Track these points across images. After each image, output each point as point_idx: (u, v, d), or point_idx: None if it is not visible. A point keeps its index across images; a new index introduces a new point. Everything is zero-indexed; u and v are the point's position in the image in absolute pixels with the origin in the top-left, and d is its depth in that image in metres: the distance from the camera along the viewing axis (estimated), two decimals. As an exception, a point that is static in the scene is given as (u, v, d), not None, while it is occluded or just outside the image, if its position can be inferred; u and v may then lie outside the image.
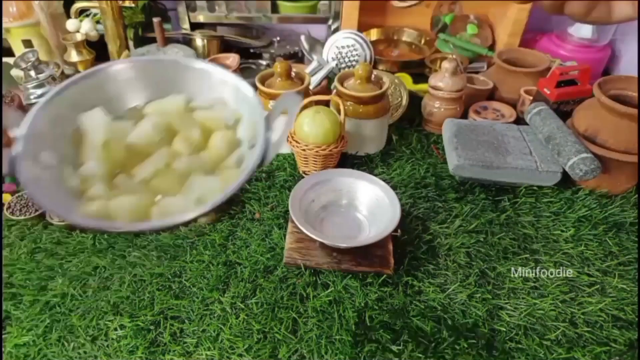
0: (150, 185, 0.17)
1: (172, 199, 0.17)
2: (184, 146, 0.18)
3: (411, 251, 0.45)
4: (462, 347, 0.36)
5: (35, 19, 0.68)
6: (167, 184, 0.17)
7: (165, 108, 0.17)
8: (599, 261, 0.44)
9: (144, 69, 0.17)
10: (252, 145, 0.17)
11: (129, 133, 0.17)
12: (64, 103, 0.16)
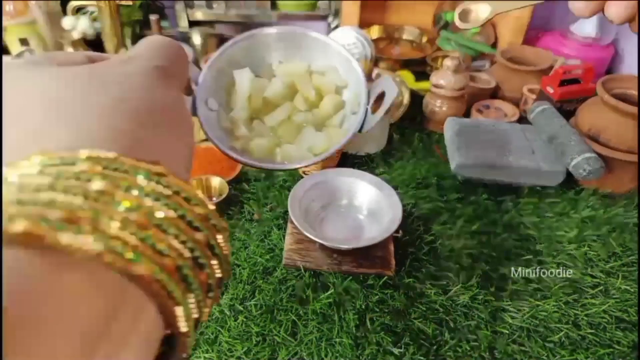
0: (276, 132, 0.22)
1: (289, 146, 0.22)
2: (302, 103, 0.22)
3: (413, 252, 0.44)
4: (464, 350, 0.36)
5: (32, 17, 0.67)
6: (288, 132, 0.22)
7: (291, 70, 0.22)
8: (602, 262, 0.44)
9: (282, 36, 0.22)
10: (354, 112, 0.22)
11: (265, 89, 0.22)
12: (224, 60, 0.21)
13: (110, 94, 0.11)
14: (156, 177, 0.10)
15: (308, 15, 0.79)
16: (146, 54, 0.14)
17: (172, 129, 0.12)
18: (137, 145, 0.11)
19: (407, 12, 0.80)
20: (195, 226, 0.10)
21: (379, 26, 0.81)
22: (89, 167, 0.09)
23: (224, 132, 0.21)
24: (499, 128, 0.56)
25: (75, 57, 0.14)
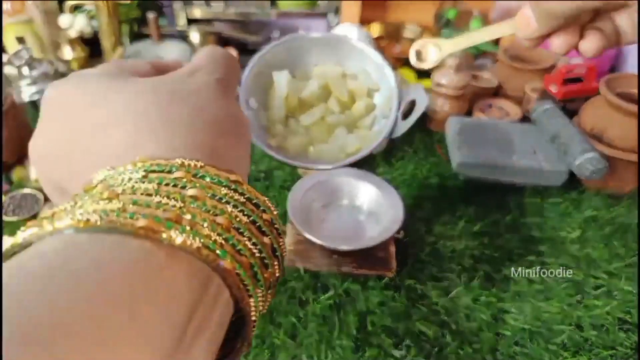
0: (310, 131, 0.24)
1: (322, 145, 0.23)
2: (335, 104, 0.24)
3: (414, 253, 0.44)
4: (466, 352, 0.36)
5: (29, 16, 0.66)
6: (321, 132, 0.24)
7: (326, 72, 0.24)
8: (605, 263, 0.43)
9: (318, 41, 0.23)
10: (385, 116, 0.23)
11: (302, 90, 0.23)
12: (263, 62, 0.23)
13: (188, 107, 0.13)
14: (233, 185, 0.12)
15: (308, 13, 0.78)
16: (207, 67, 0.16)
17: (237, 136, 0.14)
18: (214, 154, 0.13)
19: (408, 10, 0.79)
20: (263, 230, 0.12)
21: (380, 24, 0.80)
22: (183, 174, 0.11)
23: (262, 130, 0.23)
24: (501, 127, 0.55)
25: (141, 66, 0.16)
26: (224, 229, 0.11)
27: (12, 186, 0.51)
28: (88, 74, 0.14)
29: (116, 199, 0.10)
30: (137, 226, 0.09)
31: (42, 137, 0.14)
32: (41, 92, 0.60)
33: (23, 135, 0.54)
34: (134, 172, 0.11)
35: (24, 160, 0.54)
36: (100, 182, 0.11)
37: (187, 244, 0.10)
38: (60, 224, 0.09)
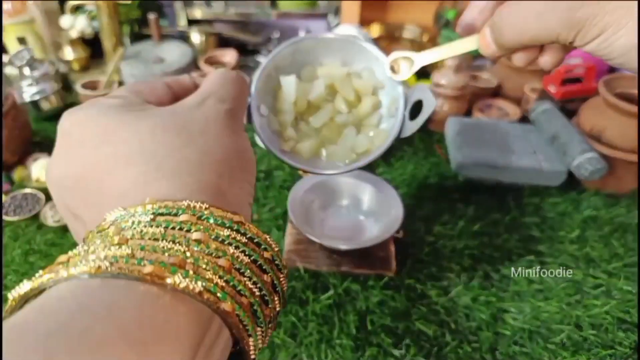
0: (320, 132, 0.24)
1: (334, 146, 0.24)
2: (343, 104, 0.24)
3: (414, 253, 0.44)
4: (466, 351, 0.36)
5: (30, 16, 0.66)
6: (331, 133, 0.24)
7: (332, 73, 0.24)
8: (604, 263, 0.43)
9: (322, 42, 0.23)
10: (392, 115, 0.23)
11: (309, 92, 0.24)
12: (271, 66, 0.23)
13: (196, 147, 0.14)
14: (236, 226, 0.13)
15: (308, 14, 0.79)
16: (218, 93, 0.16)
17: (242, 172, 0.15)
18: (219, 194, 0.14)
19: (408, 11, 0.79)
20: (263, 268, 0.13)
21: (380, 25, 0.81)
22: (189, 217, 0.12)
23: (274, 135, 0.23)
24: (501, 128, 0.55)
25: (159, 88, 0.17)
26: (225, 270, 0.11)
27: (14, 186, 0.51)
28: (102, 105, 0.15)
29: (125, 244, 0.11)
30: (144, 272, 0.10)
31: (59, 165, 0.15)
32: (42, 92, 0.60)
33: (24, 135, 0.54)
34: (143, 215, 0.12)
35: (25, 160, 0.54)
36: (112, 223, 0.12)
37: (190, 288, 0.10)
38: (74, 271, 0.10)
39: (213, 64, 0.64)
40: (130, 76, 0.61)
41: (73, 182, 0.14)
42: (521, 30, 0.17)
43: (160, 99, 0.17)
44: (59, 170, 0.15)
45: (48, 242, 0.45)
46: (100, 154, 0.14)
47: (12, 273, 0.42)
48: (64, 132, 0.15)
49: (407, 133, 0.22)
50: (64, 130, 0.15)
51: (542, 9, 0.16)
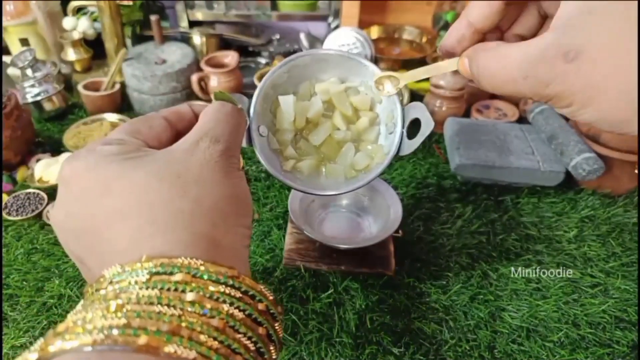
0: (319, 150, 0.24)
1: (333, 165, 0.24)
2: (340, 120, 0.24)
3: (413, 252, 0.44)
4: (464, 349, 0.36)
5: (32, 18, 0.67)
6: (330, 150, 0.24)
7: (329, 89, 0.24)
8: (602, 262, 0.44)
9: (318, 58, 0.23)
10: (390, 132, 0.23)
11: (308, 110, 0.24)
12: (268, 85, 0.23)
13: (190, 197, 0.14)
14: (231, 280, 0.13)
15: (308, 15, 0.79)
16: (212, 133, 0.16)
17: (236, 217, 0.15)
18: (213, 246, 0.14)
19: (407, 12, 0.80)
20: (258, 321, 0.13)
21: (379, 26, 0.81)
22: (183, 277, 0.12)
23: (274, 154, 0.23)
24: (499, 128, 0.56)
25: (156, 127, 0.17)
26: (219, 331, 0.12)
27: (16, 186, 0.52)
28: (100, 153, 0.15)
29: (121, 311, 0.12)
30: (139, 344, 0.11)
31: (62, 212, 0.15)
32: (45, 93, 0.61)
33: (27, 135, 0.55)
34: (140, 275, 0.12)
35: (27, 161, 0.55)
36: (110, 282, 0.13)
37: (184, 356, 0.11)
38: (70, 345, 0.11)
39: (214, 65, 0.64)
40: (132, 77, 0.62)
41: (75, 231, 0.15)
42: (497, 87, 0.17)
43: (159, 136, 0.17)
44: (61, 218, 0.15)
45: (51, 241, 0.45)
46: (99, 207, 0.14)
47: (14, 272, 0.42)
48: (65, 181, 0.15)
49: (405, 151, 0.22)
50: (65, 178, 0.15)
51: (515, 77, 0.16)
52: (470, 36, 0.18)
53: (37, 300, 0.39)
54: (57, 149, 0.57)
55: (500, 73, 0.17)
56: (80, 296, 0.40)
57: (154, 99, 0.63)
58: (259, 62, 0.78)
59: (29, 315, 0.38)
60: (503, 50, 0.16)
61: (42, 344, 0.12)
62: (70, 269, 0.42)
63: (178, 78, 0.62)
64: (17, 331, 0.37)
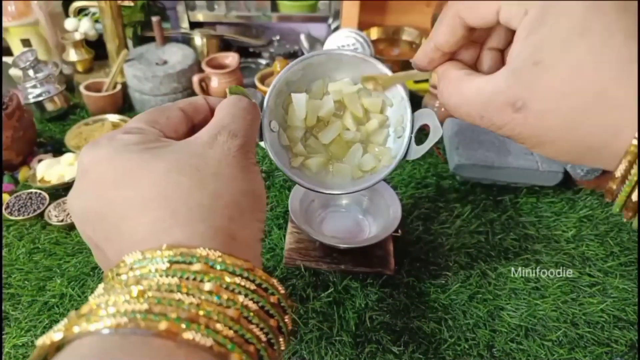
0: (328, 149, 0.24)
1: (340, 164, 0.24)
2: (351, 121, 0.24)
3: (412, 252, 0.44)
4: (463, 348, 0.36)
5: (34, 18, 0.67)
6: (338, 149, 0.24)
7: (341, 89, 0.24)
8: (600, 261, 0.44)
9: (333, 57, 0.24)
10: (399, 136, 0.24)
11: (319, 109, 0.24)
12: (282, 82, 0.23)
13: (208, 192, 0.15)
14: (246, 273, 0.14)
15: (308, 16, 0.80)
16: (230, 127, 0.17)
17: (252, 212, 0.16)
18: (230, 239, 0.14)
19: (406, 13, 0.80)
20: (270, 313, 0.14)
21: (378, 27, 0.82)
22: (202, 267, 0.13)
23: (284, 150, 0.24)
24: (498, 128, 0.56)
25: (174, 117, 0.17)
26: (234, 321, 0.12)
27: (18, 186, 0.52)
28: (120, 142, 0.16)
29: (143, 297, 0.12)
30: (161, 329, 0.11)
31: (79, 199, 0.16)
32: (46, 94, 0.61)
33: (29, 136, 0.55)
34: (160, 262, 0.13)
35: (29, 161, 0.55)
36: (130, 267, 0.13)
37: (202, 343, 0.11)
38: (95, 327, 0.11)
39: (215, 66, 0.64)
40: (133, 78, 0.62)
41: (93, 218, 0.15)
42: (460, 118, 0.18)
43: (176, 127, 0.17)
44: (79, 203, 0.16)
45: (52, 241, 0.46)
46: (119, 197, 0.14)
47: (16, 272, 0.42)
48: (84, 169, 0.15)
49: (412, 156, 0.22)
50: (84, 166, 0.15)
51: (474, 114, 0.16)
52: (439, 58, 0.19)
53: (39, 299, 0.40)
54: (59, 150, 0.57)
55: (461, 108, 0.17)
56: (82, 295, 0.40)
57: (155, 100, 0.63)
58: (259, 63, 0.78)
59: (31, 315, 0.38)
60: (464, 84, 0.17)
61: (66, 325, 0.12)
62: (72, 269, 0.43)
63: (179, 79, 0.63)
64: (19, 330, 0.37)
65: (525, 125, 0.15)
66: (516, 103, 0.15)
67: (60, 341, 0.12)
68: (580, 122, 0.14)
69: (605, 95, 0.13)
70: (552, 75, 0.14)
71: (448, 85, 0.18)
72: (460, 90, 0.17)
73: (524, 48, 0.14)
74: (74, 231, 0.46)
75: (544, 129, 0.15)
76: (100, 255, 0.16)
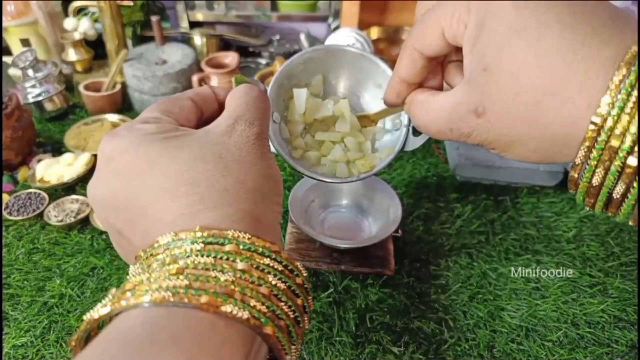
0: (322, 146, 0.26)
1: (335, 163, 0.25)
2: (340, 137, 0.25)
3: (412, 252, 0.44)
4: (464, 349, 0.36)
5: (33, 18, 0.67)
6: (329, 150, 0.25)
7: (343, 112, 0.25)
8: (600, 261, 0.44)
9: (334, 53, 0.24)
10: (397, 128, 0.24)
11: (318, 110, 0.25)
12: (284, 75, 0.24)
13: (232, 177, 0.15)
14: (274, 255, 0.14)
15: (308, 16, 0.79)
16: (246, 116, 0.17)
17: (272, 196, 0.16)
18: (256, 222, 0.15)
19: (407, 13, 0.80)
20: (296, 292, 0.15)
21: (379, 27, 0.81)
22: (233, 247, 0.14)
23: (284, 141, 0.25)
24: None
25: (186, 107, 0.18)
26: (266, 297, 0.13)
27: (17, 186, 0.52)
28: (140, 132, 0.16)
29: (182, 274, 0.13)
30: (202, 302, 0.12)
31: (101, 186, 0.16)
32: (46, 93, 0.61)
33: (28, 136, 0.55)
34: (194, 243, 0.14)
35: (29, 161, 0.55)
36: (165, 247, 0.14)
37: (239, 315, 0.12)
38: (142, 300, 0.12)
39: (215, 65, 0.64)
40: (132, 77, 0.62)
41: (117, 206, 0.16)
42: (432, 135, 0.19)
43: (188, 117, 0.18)
44: (102, 192, 0.16)
45: (52, 241, 0.45)
46: (145, 185, 0.15)
47: (15, 272, 0.42)
48: (106, 158, 0.16)
49: (410, 147, 0.23)
50: (106, 155, 0.16)
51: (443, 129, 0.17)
52: (406, 90, 0.20)
53: (38, 299, 0.40)
54: (58, 149, 0.57)
55: (431, 124, 0.18)
56: (81, 295, 0.40)
57: (154, 100, 0.63)
58: (259, 63, 0.78)
59: (30, 315, 0.38)
60: (430, 104, 0.18)
61: (112, 299, 0.13)
62: (71, 269, 0.43)
63: (179, 78, 0.62)
64: (19, 330, 0.37)
65: (490, 128, 0.15)
66: (477, 109, 0.15)
67: (107, 315, 0.13)
68: (537, 118, 0.14)
69: (553, 89, 0.13)
70: (501, 77, 0.14)
71: (418, 108, 0.19)
72: (427, 110, 0.18)
73: (472, 58, 0.15)
74: (73, 231, 0.46)
75: (506, 129, 0.15)
76: (121, 240, 0.17)
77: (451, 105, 0.16)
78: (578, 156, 0.14)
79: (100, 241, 0.45)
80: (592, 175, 0.14)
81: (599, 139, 0.13)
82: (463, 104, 0.16)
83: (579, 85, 0.13)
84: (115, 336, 0.12)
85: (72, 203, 0.48)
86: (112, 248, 0.45)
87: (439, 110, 0.17)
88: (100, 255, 0.44)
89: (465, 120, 0.16)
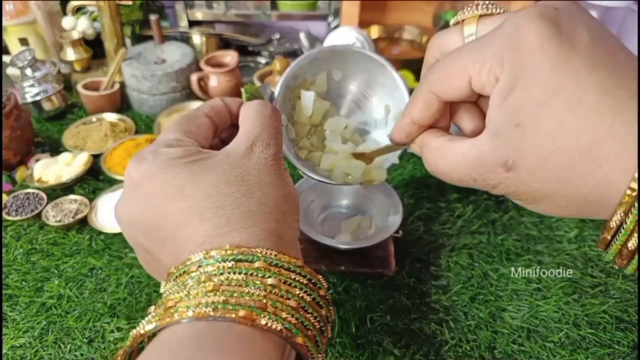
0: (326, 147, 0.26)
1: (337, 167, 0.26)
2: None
3: (413, 252, 0.44)
4: (465, 350, 0.36)
5: (32, 17, 0.67)
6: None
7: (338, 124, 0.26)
8: (602, 262, 0.44)
9: (340, 53, 0.25)
10: None
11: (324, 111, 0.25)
12: (291, 77, 0.24)
13: (255, 198, 0.16)
14: (299, 269, 0.15)
15: (308, 15, 0.79)
16: (262, 137, 0.18)
17: (291, 214, 0.18)
18: (280, 239, 0.16)
19: (407, 12, 0.80)
20: (320, 304, 0.16)
21: (379, 26, 0.81)
22: (262, 264, 0.15)
23: (291, 142, 0.25)
24: (499, 128, 0.56)
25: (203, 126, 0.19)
26: (295, 309, 0.14)
27: (16, 186, 0.52)
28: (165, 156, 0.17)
29: (219, 291, 0.14)
30: (240, 316, 0.13)
31: (130, 209, 0.17)
32: (44, 93, 0.61)
33: (26, 135, 0.55)
34: (225, 260, 0.15)
35: (27, 161, 0.55)
36: (197, 265, 0.15)
37: (274, 327, 0.14)
38: (185, 316, 0.13)
39: (214, 64, 0.64)
40: (131, 77, 0.62)
41: (146, 228, 0.17)
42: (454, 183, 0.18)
43: (206, 134, 0.19)
44: (131, 213, 0.17)
45: (50, 241, 0.45)
46: (173, 209, 0.16)
47: (13, 272, 0.42)
48: (134, 182, 0.17)
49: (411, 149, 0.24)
50: (134, 180, 0.17)
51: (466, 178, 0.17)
52: (417, 131, 0.19)
53: (37, 300, 0.39)
54: (57, 149, 0.57)
55: (452, 174, 0.18)
56: (80, 296, 0.40)
57: (153, 99, 0.63)
58: (258, 62, 0.78)
59: (29, 316, 0.38)
60: (447, 151, 0.17)
61: (156, 317, 0.14)
62: (70, 270, 0.42)
63: (178, 78, 0.62)
64: (17, 331, 0.37)
65: (519, 183, 0.16)
66: (507, 163, 0.15)
67: (152, 330, 0.14)
68: (571, 178, 0.14)
69: (590, 152, 0.14)
70: (535, 135, 0.14)
71: (433, 154, 0.18)
72: (446, 159, 0.18)
73: (502, 111, 0.15)
74: (71, 232, 0.46)
75: (537, 185, 0.15)
76: (148, 256, 0.18)
77: (476, 156, 0.16)
78: (613, 220, 0.14)
79: (99, 242, 0.45)
80: (627, 238, 0.14)
81: (637, 203, 0.13)
82: (490, 156, 0.16)
83: (617, 150, 0.13)
84: (165, 348, 0.13)
85: (70, 203, 0.48)
86: (111, 248, 0.45)
87: (460, 160, 0.17)
88: (98, 255, 0.43)
89: (493, 172, 0.16)
